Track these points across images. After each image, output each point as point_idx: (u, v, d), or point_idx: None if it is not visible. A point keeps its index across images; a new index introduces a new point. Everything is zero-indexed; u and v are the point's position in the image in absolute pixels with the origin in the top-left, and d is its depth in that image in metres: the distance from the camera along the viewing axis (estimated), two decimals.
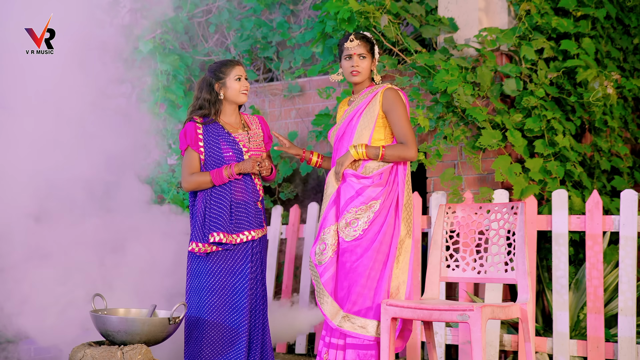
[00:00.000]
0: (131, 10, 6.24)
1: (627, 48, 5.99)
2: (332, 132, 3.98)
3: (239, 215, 4.01)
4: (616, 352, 4.42)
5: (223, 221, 3.95)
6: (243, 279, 3.99)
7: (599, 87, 5.02)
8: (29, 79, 4.78)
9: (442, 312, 3.46)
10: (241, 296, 3.98)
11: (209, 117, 4.05)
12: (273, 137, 4.29)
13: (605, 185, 5.44)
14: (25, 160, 4.66)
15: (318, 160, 4.13)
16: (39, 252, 4.70)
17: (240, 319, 3.96)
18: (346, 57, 3.89)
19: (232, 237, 3.96)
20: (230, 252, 4.00)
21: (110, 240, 4.89)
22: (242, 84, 4.07)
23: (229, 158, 4.01)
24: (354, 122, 3.86)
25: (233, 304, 3.97)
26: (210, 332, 3.96)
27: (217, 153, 4.02)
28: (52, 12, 4.76)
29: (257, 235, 4.05)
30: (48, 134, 4.76)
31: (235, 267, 3.99)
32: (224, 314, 3.97)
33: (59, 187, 4.80)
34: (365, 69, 3.89)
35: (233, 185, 4.01)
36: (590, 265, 4.51)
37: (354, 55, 3.87)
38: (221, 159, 4.01)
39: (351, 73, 3.89)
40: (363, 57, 3.88)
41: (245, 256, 4.01)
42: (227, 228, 3.95)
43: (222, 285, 3.98)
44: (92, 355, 3.70)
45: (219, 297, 3.97)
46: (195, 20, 6.76)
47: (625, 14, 5.95)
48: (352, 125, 3.86)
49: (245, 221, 4.02)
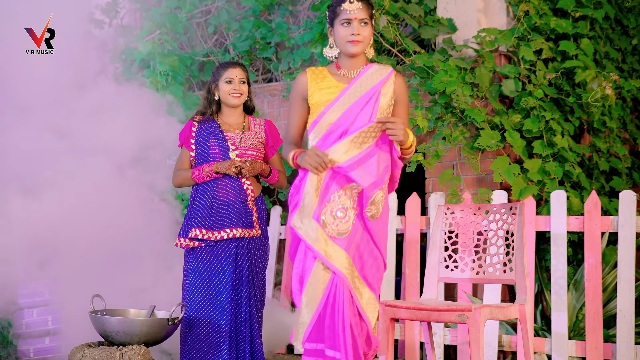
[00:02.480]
0: (130, 10, 6.25)
1: (626, 49, 6.00)
2: (331, 112, 3.26)
3: (221, 213, 4.03)
4: (615, 353, 4.43)
5: (202, 217, 4.01)
6: (225, 278, 4.00)
7: (598, 88, 5.03)
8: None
9: (441, 312, 3.46)
10: (223, 296, 3.99)
11: (207, 116, 4.14)
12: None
13: (603, 186, 5.44)
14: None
15: None
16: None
17: (223, 319, 3.97)
18: (344, 22, 3.22)
19: (210, 234, 3.99)
20: (213, 251, 4.02)
21: (111, 239, 4.89)
22: (232, 86, 4.11)
23: (214, 155, 4.06)
24: (371, 103, 3.25)
25: (217, 303, 4.00)
26: (198, 332, 3.98)
27: (204, 149, 4.08)
28: (52, 12, 4.77)
29: (241, 234, 4.04)
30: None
31: (218, 266, 4.02)
32: (209, 313, 3.99)
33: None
34: (367, 38, 3.25)
35: (217, 184, 4.06)
36: (588, 265, 4.51)
37: (354, 20, 3.21)
38: (207, 156, 4.07)
39: (350, 42, 3.23)
40: (365, 24, 3.24)
41: (228, 256, 4.02)
42: (205, 224, 3.99)
43: (206, 285, 4.00)
44: (91, 355, 3.70)
45: (203, 297, 4.00)
46: (194, 21, 6.76)
47: (624, 14, 5.95)
48: (369, 107, 3.24)
49: (227, 219, 4.03)
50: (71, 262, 4.73)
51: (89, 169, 4.96)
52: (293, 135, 3.39)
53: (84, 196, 4.87)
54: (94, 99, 5.23)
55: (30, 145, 4.89)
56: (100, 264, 4.77)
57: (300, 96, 3.34)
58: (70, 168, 4.93)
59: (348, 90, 3.25)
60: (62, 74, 4.95)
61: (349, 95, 3.25)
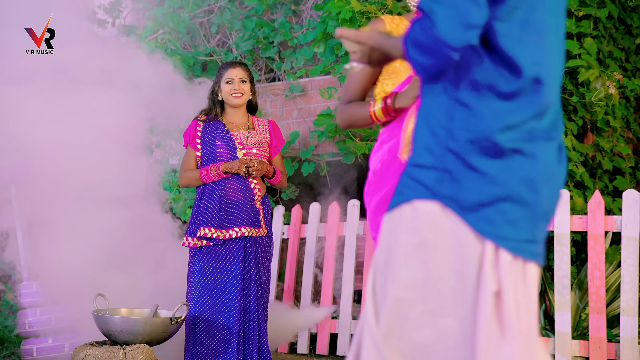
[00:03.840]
0: (133, 10, 6.25)
1: (629, 48, 5.99)
2: None
3: (230, 212, 4.03)
4: (618, 353, 4.42)
5: (211, 216, 4.00)
6: (234, 278, 4.00)
7: (601, 87, 5.02)
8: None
9: None
10: (232, 296, 3.99)
11: (212, 115, 4.14)
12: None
13: (607, 186, 5.43)
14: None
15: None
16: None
17: (231, 318, 3.98)
18: None
19: (220, 232, 3.99)
20: (221, 251, 4.02)
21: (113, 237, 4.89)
22: (232, 86, 4.12)
23: (221, 154, 4.06)
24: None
25: (225, 303, 4.00)
26: (205, 331, 3.98)
27: (212, 149, 4.08)
28: (52, 12, 4.77)
29: (250, 233, 4.04)
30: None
31: (226, 266, 4.02)
32: (217, 313, 4.00)
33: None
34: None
35: (225, 183, 4.05)
36: (592, 265, 4.51)
37: None
38: (214, 155, 4.07)
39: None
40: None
41: (237, 255, 4.02)
42: (214, 223, 3.98)
43: (214, 284, 4.00)
44: (94, 355, 3.70)
45: (210, 297, 4.00)
46: (197, 21, 6.76)
47: (628, 13, 5.94)
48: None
49: (236, 218, 4.03)
50: (72, 261, 4.73)
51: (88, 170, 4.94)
52: (356, 99, 2.68)
53: (84, 196, 4.86)
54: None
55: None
56: (102, 263, 4.77)
57: None
58: (70, 167, 4.91)
59: None
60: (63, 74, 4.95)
61: None
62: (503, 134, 1.76)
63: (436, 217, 1.79)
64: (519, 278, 1.79)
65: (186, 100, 5.18)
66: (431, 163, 1.81)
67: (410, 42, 1.78)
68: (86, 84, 4.81)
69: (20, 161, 4.72)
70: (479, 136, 1.77)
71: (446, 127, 1.80)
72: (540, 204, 1.82)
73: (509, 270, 1.76)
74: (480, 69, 1.79)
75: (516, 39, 1.78)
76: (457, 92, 1.80)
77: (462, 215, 1.77)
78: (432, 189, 1.80)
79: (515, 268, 1.78)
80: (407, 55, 1.81)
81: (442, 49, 1.74)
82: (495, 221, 1.76)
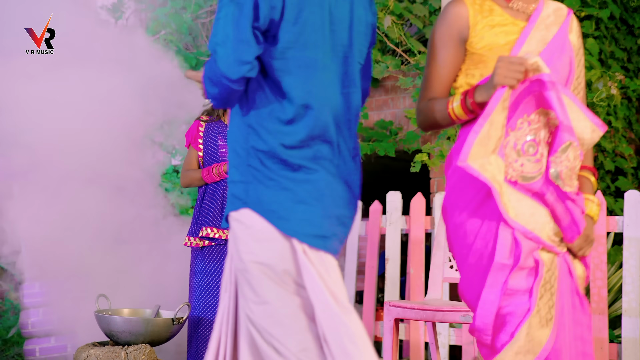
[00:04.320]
0: (135, 11, 6.25)
1: (631, 48, 5.99)
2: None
3: None
4: (620, 353, 4.42)
5: (213, 216, 4.00)
6: None
7: (603, 88, 5.02)
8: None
9: (446, 312, 3.46)
10: None
11: (214, 116, 4.15)
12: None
13: (609, 186, 5.43)
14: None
15: None
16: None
17: None
18: None
19: (222, 232, 4.00)
20: (223, 251, 4.03)
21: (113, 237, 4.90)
22: None
23: (224, 155, 4.07)
24: (566, 51, 2.32)
25: None
26: (207, 332, 3.99)
27: (214, 149, 4.09)
28: (52, 12, 4.78)
29: None
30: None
31: None
32: None
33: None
34: None
35: (227, 183, 4.06)
36: (593, 266, 4.51)
37: None
38: (216, 155, 4.07)
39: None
40: None
41: None
42: (217, 223, 3.99)
43: (216, 285, 4.01)
44: (96, 355, 3.71)
45: (212, 297, 4.00)
46: (200, 21, 6.77)
47: (630, 14, 5.94)
48: (566, 57, 2.32)
49: None
50: (74, 261, 4.74)
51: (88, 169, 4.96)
52: (437, 95, 2.34)
53: (84, 196, 4.88)
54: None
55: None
56: (103, 262, 4.78)
57: (456, 36, 2.29)
58: (72, 166, 4.93)
59: (532, 29, 2.27)
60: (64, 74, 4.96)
61: (535, 40, 2.27)
62: (287, 152, 2.16)
63: (249, 220, 2.18)
64: (321, 264, 2.17)
65: (189, 100, 5.19)
66: (239, 178, 2.21)
67: (205, 77, 2.21)
68: (90, 68, 4.81)
69: (23, 160, 4.73)
70: (268, 154, 2.17)
71: (244, 147, 2.21)
72: (327, 208, 2.19)
73: (314, 258, 2.16)
74: (263, 98, 2.19)
75: (288, 72, 2.16)
76: (248, 118, 2.21)
77: (266, 217, 2.16)
78: (242, 199, 2.19)
79: (317, 256, 2.17)
80: (205, 87, 2.22)
81: (223, 81, 2.13)
82: (291, 219, 2.16)
